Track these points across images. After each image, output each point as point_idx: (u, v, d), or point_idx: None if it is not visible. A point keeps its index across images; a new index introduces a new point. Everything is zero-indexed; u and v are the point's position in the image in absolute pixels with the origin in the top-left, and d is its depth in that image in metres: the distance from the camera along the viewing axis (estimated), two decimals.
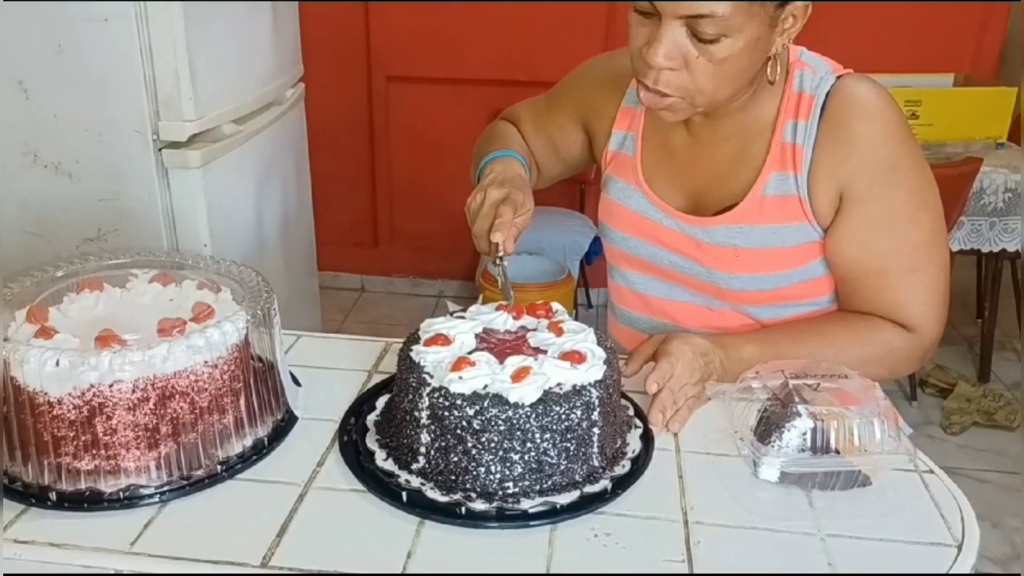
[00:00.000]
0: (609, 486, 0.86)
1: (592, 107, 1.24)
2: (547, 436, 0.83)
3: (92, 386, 0.82)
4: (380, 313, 3.55)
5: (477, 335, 0.94)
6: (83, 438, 0.83)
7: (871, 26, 2.97)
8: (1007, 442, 2.71)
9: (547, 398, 0.83)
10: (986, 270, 3.13)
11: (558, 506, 0.83)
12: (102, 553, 0.79)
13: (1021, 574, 2.10)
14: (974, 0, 3.08)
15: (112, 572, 0.78)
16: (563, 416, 0.84)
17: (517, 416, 0.82)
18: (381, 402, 1.00)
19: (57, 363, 0.81)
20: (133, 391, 0.83)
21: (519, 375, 0.84)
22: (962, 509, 0.88)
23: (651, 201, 1.15)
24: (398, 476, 0.87)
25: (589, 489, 0.85)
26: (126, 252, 1.06)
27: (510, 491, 0.84)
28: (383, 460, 0.90)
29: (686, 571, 0.78)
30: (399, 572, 0.77)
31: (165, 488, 0.86)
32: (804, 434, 0.88)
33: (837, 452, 0.87)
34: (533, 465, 0.84)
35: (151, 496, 0.85)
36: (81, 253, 1.71)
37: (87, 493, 0.84)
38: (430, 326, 0.94)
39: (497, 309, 0.99)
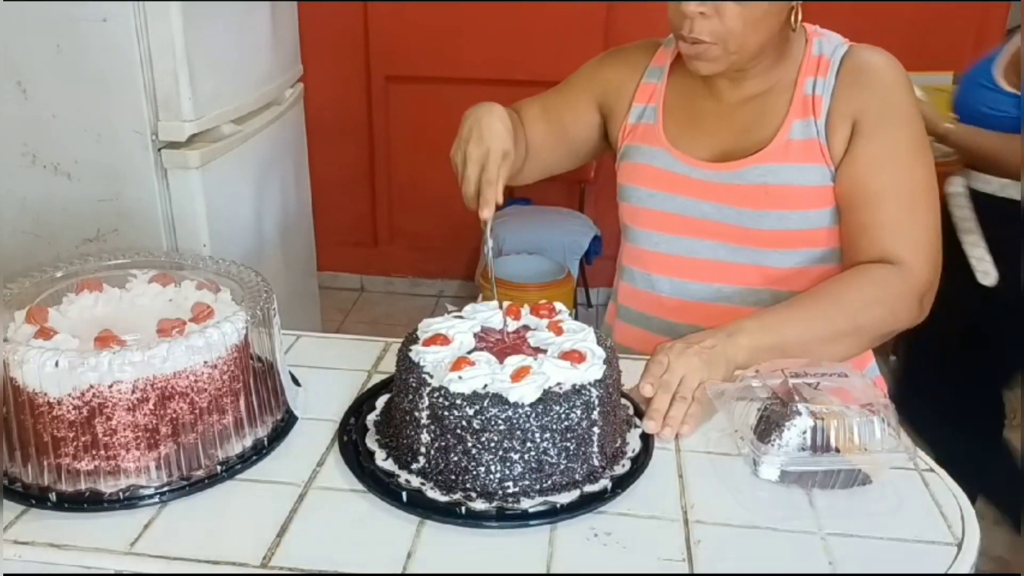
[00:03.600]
0: (609, 485, 0.86)
1: (611, 85, 1.29)
2: (547, 436, 0.83)
3: (92, 387, 0.82)
4: (380, 313, 3.55)
5: (476, 335, 0.94)
6: (83, 439, 0.84)
7: (870, 25, 2.97)
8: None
9: (547, 397, 0.83)
10: None
11: (558, 506, 0.83)
12: (102, 554, 0.79)
13: (1021, 574, 2.10)
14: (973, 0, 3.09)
15: (112, 572, 0.78)
16: (563, 415, 0.84)
17: (517, 416, 0.82)
18: (381, 402, 1.00)
19: (57, 364, 0.81)
20: (133, 391, 0.83)
21: (519, 375, 0.84)
22: (962, 507, 0.88)
23: (676, 158, 1.21)
24: (398, 476, 0.87)
25: (589, 488, 0.85)
26: (125, 252, 1.06)
27: (510, 491, 0.84)
28: (383, 460, 0.90)
29: (686, 571, 0.78)
30: (399, 572, 0.77)
31: (165, 488, 0.86)
32: (804, 433, 0.88)
33: (837, 451, 0.87)
34: (533, 465, 0.84)
35: (151, 496, 0.85)
36: (80, 253, 1.71)
37: (87, 494, 0.84)
38: (428, 326, 0.94)
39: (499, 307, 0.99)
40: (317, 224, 2.68)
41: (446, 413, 0.83)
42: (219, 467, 0.89)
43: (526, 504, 0.83)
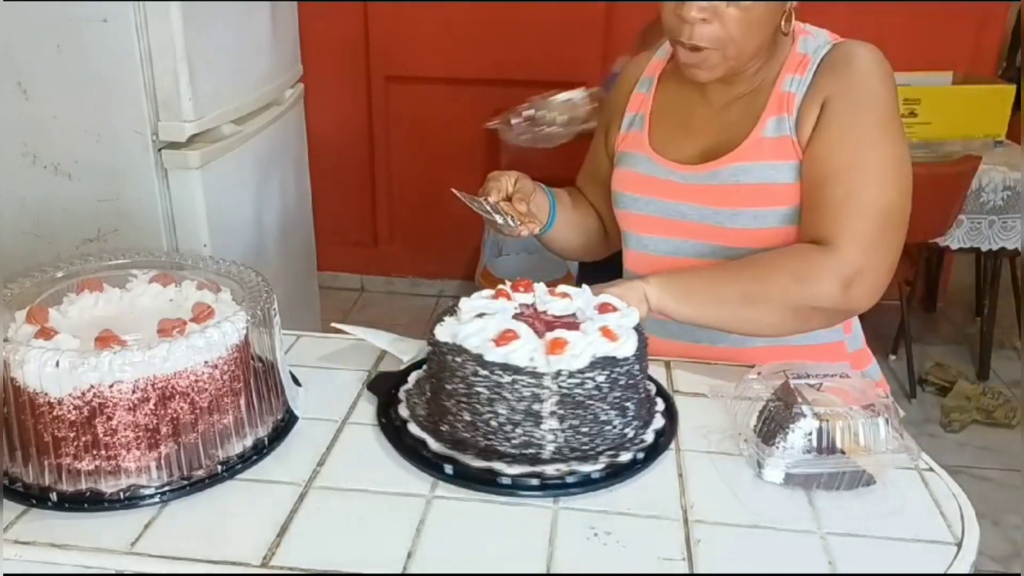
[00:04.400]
0: (642, 455, 0.91)
1: (611, 114, 1.34)
2: (495, 400, 0.87)
3: (92, 387, 0.82)
4: (380, 313, 3.55)
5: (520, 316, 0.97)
6: (83, 439, 0.84)
7: (870, 25, 2.97)
8: (1007, 440, 2.71)
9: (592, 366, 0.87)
10: (985, 268, 3.13)
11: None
12: (103, 553, 0.79)
13: (1021, 573, 2.10)
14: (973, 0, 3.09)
15: (113, 572, 0.78)
16: (511, 387, 0.86)
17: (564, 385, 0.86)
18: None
19: (57, 364, 0.81)
20: (133, 391, 0.83)
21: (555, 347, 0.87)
22: (962, 507, 0.88)
23: (657, 163, 1.23)
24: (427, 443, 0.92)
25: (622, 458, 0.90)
26: (126, 252, 1.06)
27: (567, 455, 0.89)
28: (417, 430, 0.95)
29: (686, 570, 0.78)
30: (399, 572, 0.77)
31: (165, 488, 0.86)
32: (808, 435, 0.88)
33: (842, 452, 0.87)
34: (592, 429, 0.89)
35: (151, 496, 0.85)
36: (81, 254, 1.70)
37: (88, 493, 0.84)
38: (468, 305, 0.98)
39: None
40: (317, 224, 2.68)
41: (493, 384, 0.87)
42: (219, 467, 0.89)
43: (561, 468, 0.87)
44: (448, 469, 0.89)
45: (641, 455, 0.91)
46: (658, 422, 0.96)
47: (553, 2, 3.19)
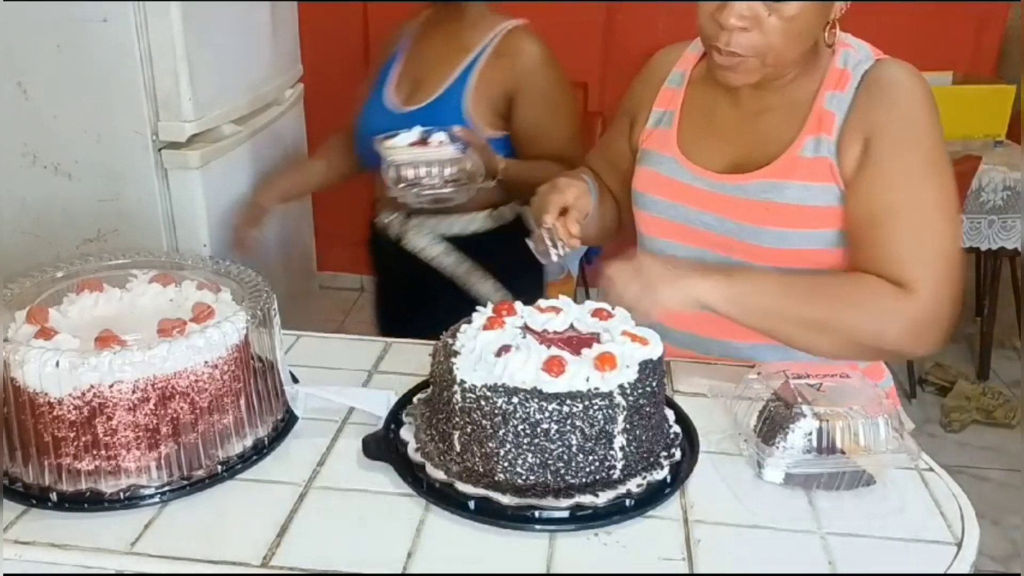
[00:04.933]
0: (631, 501, 0.85)
1: (637, 104, 1.29)
2: (566, 432, 0.83)
3: (92, 387, 0.82)
4: None
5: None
6: (83, 439, 0.84)
7: (870, 24, 2.97)
8: (1007, 440, 2.71)
9: (571, 396, 0.83)
10: (985, 268, 3.13)
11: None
12: (103, 553, 0.79)
13: (1021, 572, 2.10)
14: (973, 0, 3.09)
15: (113, 572, 0.78)
16: (583, 415, 0.83)
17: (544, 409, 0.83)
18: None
19: (57, 364, 0.81)
20: (133, 391, 0.83)
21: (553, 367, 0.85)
22: (962, 507, 0.88)
23: (685, 167, 1.18)
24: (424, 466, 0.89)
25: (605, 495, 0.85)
26: (126, 253, 1.06)
27: (531, 482, 0.85)
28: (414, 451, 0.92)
29: (686, 570, 0.78)
30: (399, 572, 0.77)
31: (165, 488, 0.86)
32: (809, 435, 0.88)
33: (842, 452, 0.87)
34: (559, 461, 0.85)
35: (151, 496, 0.85)
36: (81, 254, 1.70)
37: (88, 493, 0.84)
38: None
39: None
40: (317, 224, 2.67)
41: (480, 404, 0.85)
42: (219, 467, 0.89)
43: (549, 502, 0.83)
44: (536, 515, 0.83)
45: (676, 452, 0.93)
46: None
47: (553, 2, 3.19)
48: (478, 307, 0.98)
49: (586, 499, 0.83)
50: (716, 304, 1.03)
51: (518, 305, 0.98)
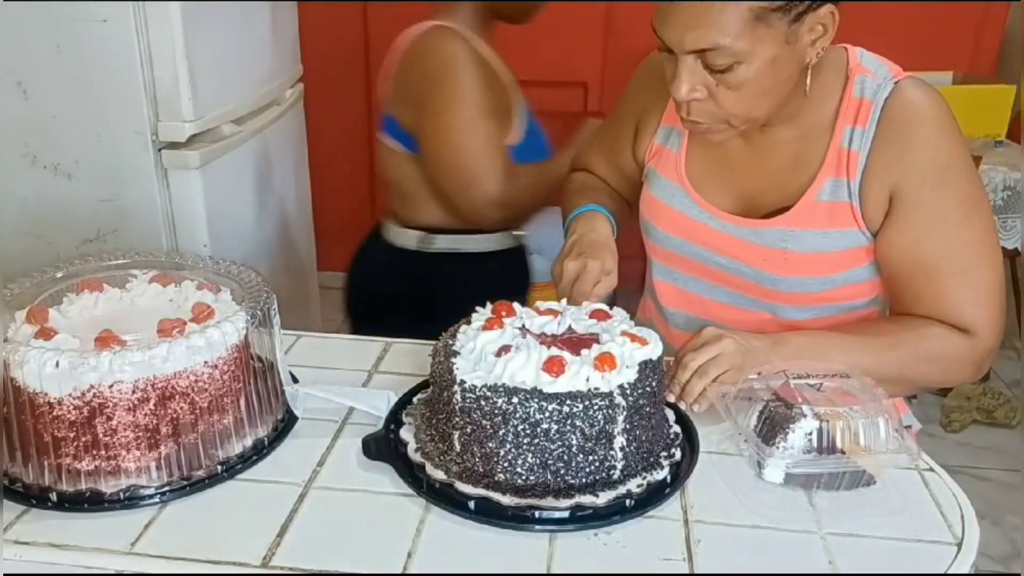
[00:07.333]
0: (631, 502, 0.85)
1: (645, 107, 1.23)
2: (567, 433, 0.83)
3: (92, 387, 0.82)
4: None
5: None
6: (83, 439, 0.84)
7: (870, 25, 2.97)
8: (1007, 440, 2.71)
9: (572, 396, 0.83)
10: None
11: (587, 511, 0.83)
12: (103, 554, 0.79)
13: (1021, 573, 2.10)
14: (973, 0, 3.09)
15: (113, 572, 0.78)
16: (583, 415, 0.83)
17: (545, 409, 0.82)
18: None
19: (57, 364, 0.81)
20: (133, 392, 0.83)
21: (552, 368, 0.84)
22: (962, 507, 0.88)
23: (695, 201, 1.14)
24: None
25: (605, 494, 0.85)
26: (126, 253, 1.06)
27: (532, 483, 0.85)
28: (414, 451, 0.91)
29: (686, 570, 0.78)
30: (399, 572, 0.77)
31: (165, 488, 0.86)
32: (809, 435, 0.88)
33: (842, 452, 0.87)
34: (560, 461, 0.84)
35: (151, 496, 0.85)
36: (81, 254, 1.70)
37: (87, 494, 0.84)
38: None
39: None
40: (317, 224, 2.67)
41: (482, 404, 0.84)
42: (219, 467, 0.89)
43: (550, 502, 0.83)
44: (536, 515, 0.83)
45: (677, 452, 0.92)
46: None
47: (553, 2, 3.19)
48: (477, 308, 0.98)
49: (586, 499, 0.83)
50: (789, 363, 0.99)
51: (516, 306, 0.98)
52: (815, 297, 1.10)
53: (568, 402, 0.82)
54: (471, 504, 0.84)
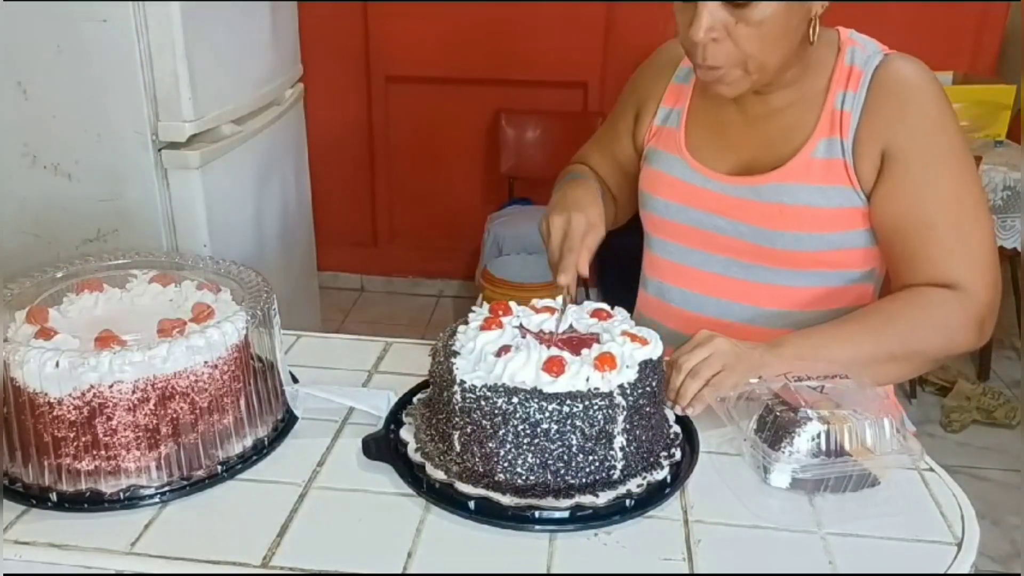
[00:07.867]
0: (631, 502, 0.85)
1: (644, 96, 1.27)
2: (566, 433, 0.83)
3: (92, 387, 0.82)
4: (380, 313, 3.55)
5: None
6: (83, 439, 0.84)
7: (869, 25, 2.97)
8: (1007, 440, 2.71)
9: (572, 396, 0.83)
10: None
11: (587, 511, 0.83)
12: (103, 553, 0.79)
13: (1021, 573, 2.10)
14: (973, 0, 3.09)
15: (113, 572, 0.78)
16: (583, 415, 0.83)
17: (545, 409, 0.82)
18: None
19: (57, 364, 0.81)
20: (133, 392, 0.83)
21: (553, 368, 0.84)
22: (962, 507, 0.88)
23: (694, 168, 1.17)
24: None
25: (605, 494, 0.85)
26: (126, 253, 1.06)
27: (532, 483, 0.84)
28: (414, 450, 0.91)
29: (686, 570, 0.78)
30: (399, 572, 0.77)
31: (165, 488, 0.86)
32: (814, 438, 0.87)
33: (849, 454, 0.87)
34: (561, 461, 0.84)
35: (151, 496, 0.85)
36: (81, 254, 1.71)
37: (87, 494, 0.84)
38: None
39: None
40: (317, 224, 2.68)
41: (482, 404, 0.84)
42: (219, 467, 0.89)
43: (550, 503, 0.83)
44: (536, 515, 0.83)
45: (677, 452, 0.92)
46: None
47: (553, 2, 3.19)
48: (473, 308, 0.98)
49: (586, 499, 0.83)
50: (791, 365, 0.99)
51: (513, 305, 0.98)
52: (811, 258, 1.12)
53: (568, 402, 0.82)
54: (471, 504, 0.84)
